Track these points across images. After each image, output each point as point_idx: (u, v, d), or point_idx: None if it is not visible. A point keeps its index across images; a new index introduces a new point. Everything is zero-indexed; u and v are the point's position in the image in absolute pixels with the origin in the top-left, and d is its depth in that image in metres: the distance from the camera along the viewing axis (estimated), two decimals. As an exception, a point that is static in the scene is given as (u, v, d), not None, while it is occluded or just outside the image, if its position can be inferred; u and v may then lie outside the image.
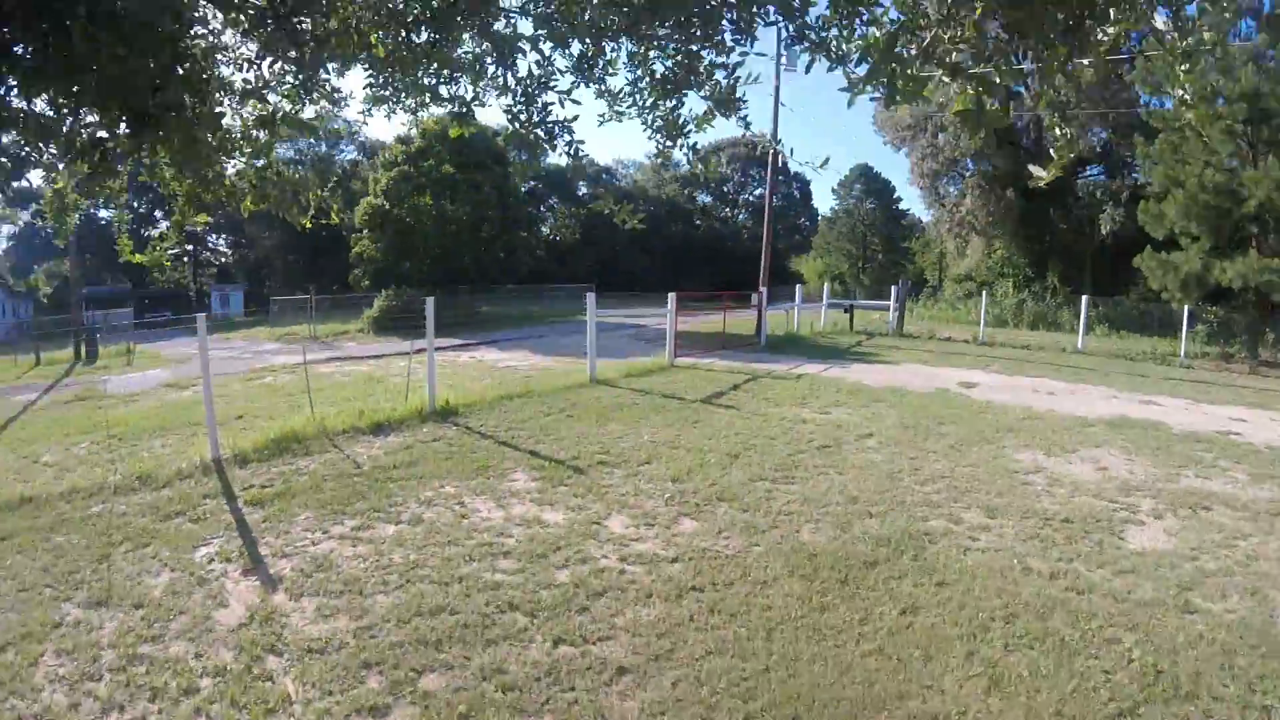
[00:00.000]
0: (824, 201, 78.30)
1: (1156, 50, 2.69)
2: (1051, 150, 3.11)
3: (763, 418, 10.21)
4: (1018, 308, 36.08)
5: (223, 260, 64.11)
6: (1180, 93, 2.77)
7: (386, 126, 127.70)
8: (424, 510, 6.08)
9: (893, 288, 26.20)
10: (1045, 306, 35.09)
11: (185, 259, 62.49)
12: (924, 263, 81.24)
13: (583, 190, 66.76)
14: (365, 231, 31.78)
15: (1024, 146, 38.95)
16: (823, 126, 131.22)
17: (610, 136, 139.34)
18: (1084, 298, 23.52)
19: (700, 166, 3.72)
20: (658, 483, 6.99)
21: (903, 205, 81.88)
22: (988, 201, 37.22)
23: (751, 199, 72.92)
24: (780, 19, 3.03)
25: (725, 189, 72.40)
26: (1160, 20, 2.61)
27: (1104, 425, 10.59)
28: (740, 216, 72.57)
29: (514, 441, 8.48)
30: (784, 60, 23.17)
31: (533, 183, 61.27)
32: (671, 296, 15.56)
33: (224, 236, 63.01)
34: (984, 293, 26.07)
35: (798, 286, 28.02)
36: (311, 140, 60.39)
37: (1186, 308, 21.11)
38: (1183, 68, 2.63)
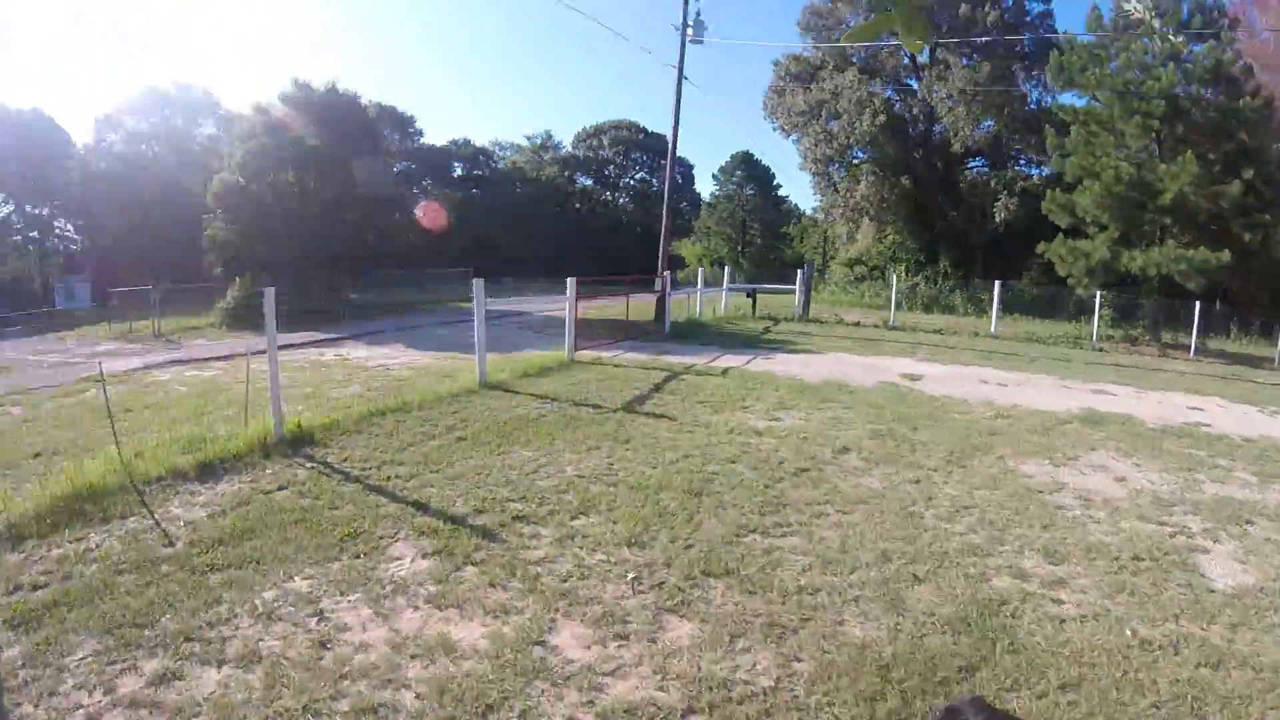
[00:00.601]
0: (706, 186, 77.27)
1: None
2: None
3: (707, 430, 8.33)
4: (911, 291, 36.17)
5: (72, 248, 56.50)
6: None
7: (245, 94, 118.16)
8: (262, 632, 3.74)
9: (798, 271, 24.93)
10: (938, 290, 35.33)
11: (30, 247, 55.13)
12: (802, 248, 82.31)
13: (458, 171, 63.29)
14: (219, 212, 27.77)
15: (912, 136, 39.03)
16: (709, 111, 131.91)
17: (489, 119, 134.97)
18: (996, 283, 23.20)
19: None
20: (608, 548, 4.92)
21: (782, 191, 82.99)
22: (881, 187, 36.96)
23: (633, 183, 70.98)
24: None
25: (606, 173, 70.16)
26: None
27: (1079, 422, 9.68)
28: (620, 200, 70.46)
29: (391, 486, 6.12)
30: (689, 31, 21.43)
31: (405, 163, 57.27)
32: (571, 282, 13.41)
33: (70, 222, 55.52)
34: (893, 277, 25.14)
35: (699, 270, 26.33)
36: (165, 113, 54.29)
37: (1098, 294, 20.97)
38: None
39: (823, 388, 11.21)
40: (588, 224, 61.27)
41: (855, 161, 38.56)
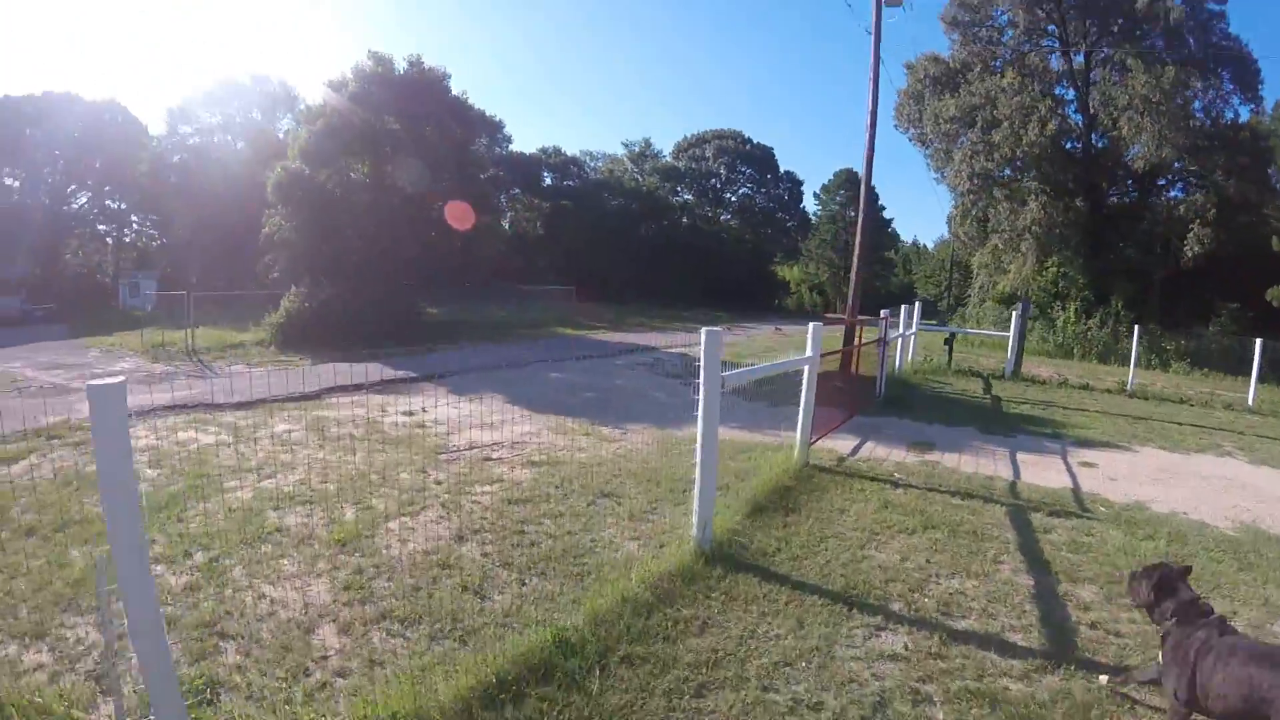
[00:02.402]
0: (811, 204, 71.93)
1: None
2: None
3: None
4: (1082, 336, 30.06)
5: (152, 243, 53.78)
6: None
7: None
8: None
9: (1013, 313, 19.24)
10: (1107, 336, 29.46)
11: (109, 240, 52.91)
12: (910, 276, 75.79)
13: (547, 180, 58.89)
14: (279, 206, 23.47)
15: (1070, 151, 32.96)
16: (807, 121, 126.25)
17: (579, 128, 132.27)
18: (1258, 341, 16.77)
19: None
20: None
21: (887, 214, 77.01)
22: (1054, 210, 31.07)
23: (735, 198, 65.89)
24: None
25: (709, 186, 64.97)
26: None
27: None
28: (723, 216, 65.33)
29: None
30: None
31: (494, 169, 53.06)
32: (814, 327, 8.10)
33: (148, 216, 52.68)
34: (1134, 328, 18.73)
35: (916, 304, 20.62)
36: (239, 104, 51.28)
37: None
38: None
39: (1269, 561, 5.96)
40: (688, 240, 56.04)
41: (1015, 179, 32.75)
